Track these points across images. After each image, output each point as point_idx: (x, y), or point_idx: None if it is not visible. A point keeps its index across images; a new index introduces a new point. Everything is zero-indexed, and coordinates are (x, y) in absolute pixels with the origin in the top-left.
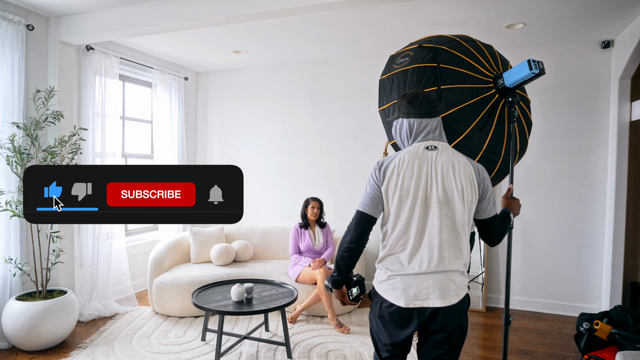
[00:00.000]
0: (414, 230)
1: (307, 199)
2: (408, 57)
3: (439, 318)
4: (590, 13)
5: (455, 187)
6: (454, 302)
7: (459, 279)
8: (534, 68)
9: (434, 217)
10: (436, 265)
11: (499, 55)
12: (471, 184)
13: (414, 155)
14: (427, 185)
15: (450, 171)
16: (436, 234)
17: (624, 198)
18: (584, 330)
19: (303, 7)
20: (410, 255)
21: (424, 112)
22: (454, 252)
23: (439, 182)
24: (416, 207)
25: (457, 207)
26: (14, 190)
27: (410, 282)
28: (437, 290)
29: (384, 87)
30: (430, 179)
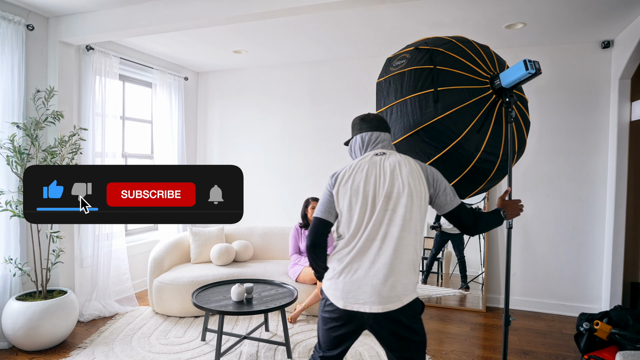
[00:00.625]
0: (363, 228)
1: (308, 199)
2: (405, 60)
3: (378, 323)
4: (590, 13)
5: (402, 183)
6: (393, 309)
7: (404, 281)
8: (530, 68)
9: (382, 213)
10: (379, 268)
11: (496, 56)
12: (419, 179)
13: (363, 161)
14: (376, 184)
15: (397, 170)
16: (384, 230)
17: (624, 198)
18: (584, 330)
19: (303, 7)
20: (355, 254)
21: (374, 126)
22: (402, 249)
23: (386, 180)
24: (367, 205)
25: (404, 201)
26: (14, 190)
27: (350, 285)
28: (375, 295)
29: (381, 89)
30: (378, 178)
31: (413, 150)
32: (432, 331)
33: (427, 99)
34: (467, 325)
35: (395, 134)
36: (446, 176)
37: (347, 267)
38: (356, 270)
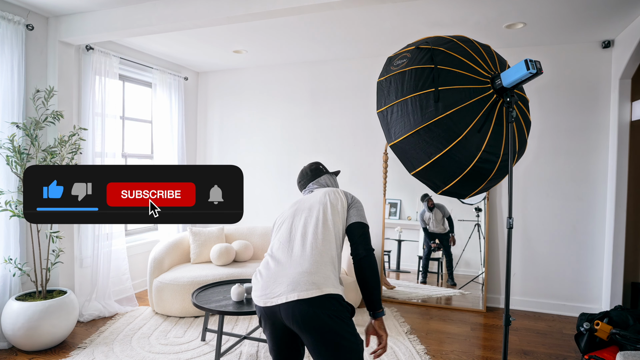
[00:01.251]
0: (283, 234)
1: None
2: (405, 59)
3: (293, 314)
4: (590, 13)
5: (320, 198)
6: (310, 296)
7: (324, 272)
8: (531, 68)
9: (299, 220)
10: (297, 260)
11: (497, 55)
12: (337, 194)
13: (300, 200)
14: (300, 206)
15: (318, 192)
16: (302, 230)
17: (624, 198)
18: (584, 330)
19: (303, 7)
20: (274, 255)
21: (305, 182)
22: (319, 244)
23: (308, 201)
24: (290, 219)
25: (320, 207)
26: (14, 190)
27: (267, 280)
28: (292, 284)
29: (382, 89)
30: (302, 203)
31: (414, 150)
32: (432, 331)
33: (427, 99)
34: (467, 325)
35: (396, 133)
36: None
37: (265, 266)
38: (274, 266)
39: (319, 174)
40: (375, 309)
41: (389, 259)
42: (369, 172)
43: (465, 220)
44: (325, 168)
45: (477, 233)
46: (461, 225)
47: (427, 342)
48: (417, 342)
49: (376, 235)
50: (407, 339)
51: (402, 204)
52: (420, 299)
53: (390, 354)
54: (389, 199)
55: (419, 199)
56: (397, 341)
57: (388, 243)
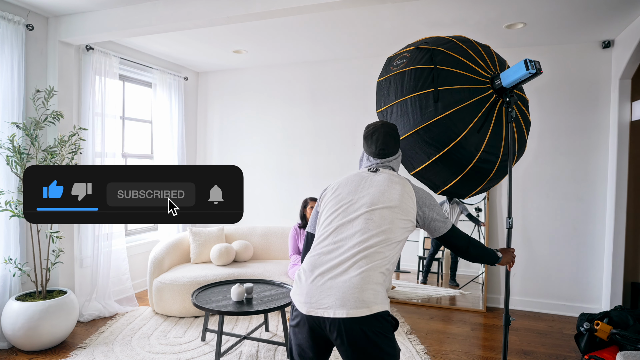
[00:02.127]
0: (337, 233)
1: (306, 199)
2: (405, 59)
3: (338, 329)
4: (590, 13)
5: (386, 197)
6: (357, 315)
7: (375, 288)
8: (530, 68)
9: (360, 221)
10: (348, 273)
11: (496, 56)
12: (409, 198)
13: (355, 175)
14: (361, 195)
15: (386, 184)
16: (358, 237)
17: (624, 198)
18: (584, 330)
19: (303, 7)
20: (325, 259)
21: (377, 153)
22: (374, 257)
23: (371, 192)
24: (346, 211)
25: (385, 212)
26: (14, 190)
27: (315, 290)
28: (340, 299)
29: (382, 89)
30: (363, 189)
31: (413, 150)
32: (433, 331)
33: (427, 99)
34: (468, 325)
35: None
36: (446, 176)
37: (314, 271)
38: (323, 275)
39: (388, 152)
40: (495, 254)
41: None
42: None
43: (466, 220)
44: (399, 140)
45: (477, 233)
46: (461, 225)
47: (427, 342)
48: (417, 342)
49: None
50: (407, 339)
51: None
52: (420, 299)
53: None
54: None
55: None
56: (397, 341)
57: None
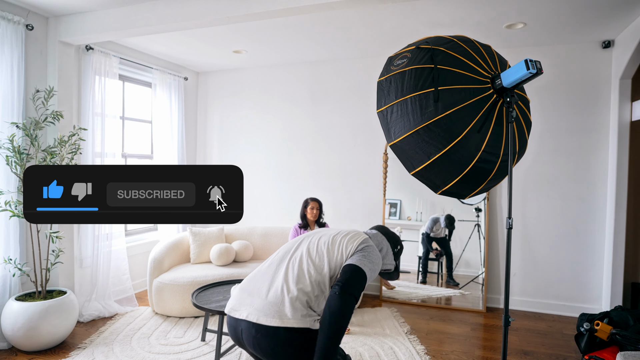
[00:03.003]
0: (277, 256)
1: (307, 200)
2: (406, 59)
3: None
4: (590, 13)
5: (333, 235)
6: (269, 324)
7: (295, 305)
8: (531, 68)
9: (299, 248)
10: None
11: (497, 55)
12: (352, 242)
13: None
14: (321, 235)
15: (339, 231)
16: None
17: (625, 198)
18: (584, 330)
19: (303, 7)
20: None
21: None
22: (302, 278)
23: (323, 233)
24: (294, 243)
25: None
26: (14, 190)
27: (241, 293)
28: (256, 305)
29: (382, 88)
30: (325, 232)
31: (413, 150)
32: (432, 331)
33: (427, 99)
34: (468, 325)
35: (396, 133)
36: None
37: (246, 282)
38: (253, 283)
39: (382, 234)
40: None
41: None
42: (369, 172)
43: (465, 220)
44: (397, 243)
45: (477, 233)
46: (461, 226)
47: (427, 342)
48: (417, 342)
49: None
50: (407, 339)
51: (402, 204)
52: (420, 299)
53: (390, 354)
54: (389, 199)
55: (419, 199)
56: (397, 341)
57: None
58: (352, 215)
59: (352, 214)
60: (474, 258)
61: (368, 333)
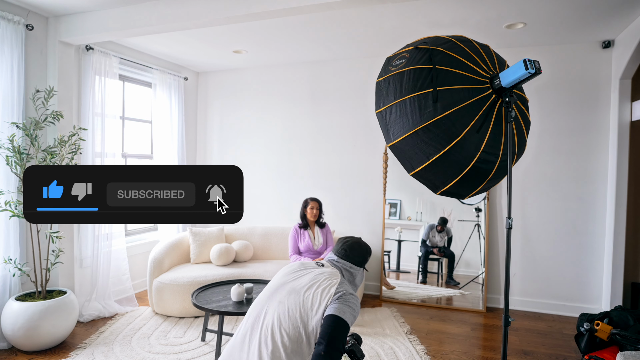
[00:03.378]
0: (252, 317)
1: (306, 200)
2: (404, 59)
3: None
4: (590, 13)
5: (310, 284)
6: None
7: None
8: (530, 68)
9: (278, 302)
10: None
11: (496, 55)
12: (328, 287)
13: (304, 264)
14: (291, 280)
15: (316, 274)
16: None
17: (624, 198)
18: (584, 330)
19: (303, 7)
20: (234, 341)
21: (339, 252)
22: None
23: (301, 278)
24: (267, 293)
25: (299, 299)
26: (14, 190)
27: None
28: None
29: (381, 89)
30: (297, 277)
31: (412, 150)
32: (432, 331)
33: (426, 99)
34: (467, 325)
35: (395, 134)
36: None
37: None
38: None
39: (346, 257)
40: None
41: (389, 259)
42: (369, 172)
43: (465, 220)
44: (364, 260)
45: (477, 233)
46: (461, 226)
47: (427, 342)
48: (417, 342)
49: (376, 235)
50: (407, 339)
51: (402, 204)
52: (420, 299)
53: (390, 354)
54: (389, 199)
55: (419, 199)
56: (397, 341)
57: (388, 243)
58: (352, 215)
59: (352, 214)
60: (474, 258)
61: (368, 333)
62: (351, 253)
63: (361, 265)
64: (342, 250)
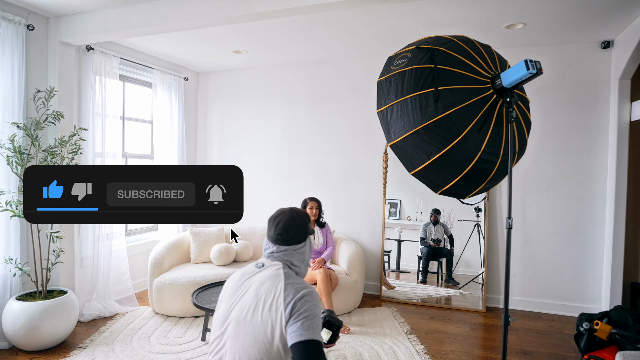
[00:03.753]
0: (217, 353)
1: (305, 200)
2: (406, 59)
3: None
4: (590, 13)
5: (254, 305)
6: None
7: None
8: (531, 68)
9: (231, 339)
10: None
11: (497, 55)
12: (274, 302)
13: (244, 274)
14: (235, 304)
15: (258, 289)
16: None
17: (624, 198)
18: (584, 330)
19: (303, 7)
20: None
21: (275, 239)
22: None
23: (243, 299)
24: (224, 327)
25: (250, 328)
26: (14, 190)
27: None
28: None
29: (382, 88)
30: (240, 297)
31: (413, 150)
32: (432, 331)
33: (427, 99)
34: (467, 325)
35: (396, 133)
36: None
37: None
38: None
39: (286, 241)
40: None
41: (389, 259)
42: (369, 172)
43: (465, 220)
44: (305, 231)
45: (477, 233)
46: (461, 225)
47: (427, 342)
48: (417, 342)
49: (376, 235)
50: (407, 339)
51: (402, 204)
52: (420, 299)
53: (390, 354)
54: (389, 199)
55: (419, 199)
56: (397, 341)
57: (388, 243)
58: (352, 215)
59: (352, 214)
60: (474, 258)
61: (368, 333)
62: (288, 235)
63: (304, 240)
64: (277, 236)
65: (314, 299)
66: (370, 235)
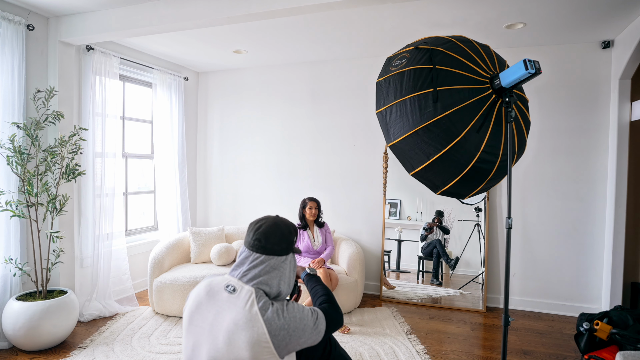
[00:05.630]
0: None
1: (304, 200)
2: (404, 59)
3: None
4: (590, 13)
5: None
6: None
7: None
8: (529, 68)
9: None
10: None
11: (496, 55)
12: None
13: (210, 294)
14: (202, 342)
15: (231, 336)
16: None
17: (624, 198)
18: (584, 330)
19: (303, 7)
20: None
21: (253, 245)
22: None
23: (214, 340)
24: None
25: None
26: (14, 190)
27: None
28: None
29: (381, 89)
30: (208, 333)
31: (413, 150)
32: (432, 331)
33: (426, 99)
34: (467, 325)
35: (395, 133)
36: (445, 176)
37: None
38: None
39: (279, 249)
40: None
41: (389, 259)
42: (369, 172)
43: (465, 220)
44: (289, 243)
45: (477, 233)
46: (461, 226)
47: (427, 342)
48: (417, 342)
49: (376, 235)
50: (407, 339)
51: (402, 204)
52: (420, 299)
53: (390, 354)
54: (389, 199)
55: (419, 199)
56: (397, 341)
57: (388, 243)
58: (352, 215)
59: (352, 214)
60: (474, 258)
61: (368, 333)
62: (267, 242)
63: (286, 254)
64: (254, 242)
65: (291, 320)
66: (370, 235)
